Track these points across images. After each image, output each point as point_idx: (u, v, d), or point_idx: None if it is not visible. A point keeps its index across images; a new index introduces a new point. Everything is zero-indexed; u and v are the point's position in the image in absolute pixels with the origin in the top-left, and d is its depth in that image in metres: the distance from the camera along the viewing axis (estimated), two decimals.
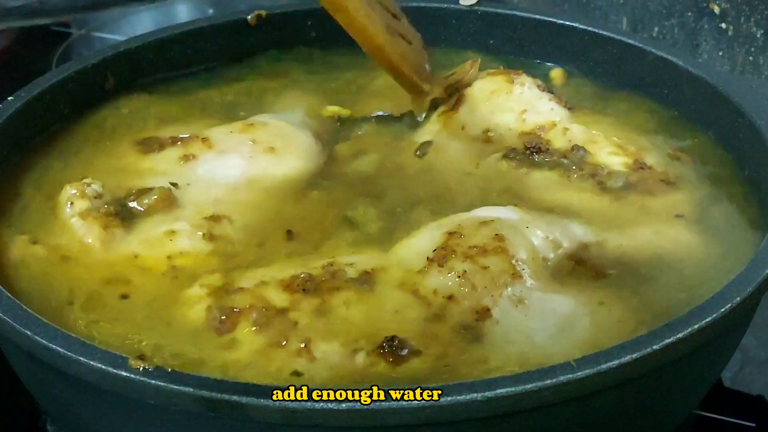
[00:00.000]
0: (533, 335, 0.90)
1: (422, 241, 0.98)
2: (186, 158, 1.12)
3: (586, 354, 0.82)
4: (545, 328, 0.91)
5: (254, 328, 0.90)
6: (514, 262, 0.95)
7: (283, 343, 0.88)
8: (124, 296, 0.96)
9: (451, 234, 0.97)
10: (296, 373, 0.86)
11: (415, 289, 0.93)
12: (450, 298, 0.92)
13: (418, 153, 1.16)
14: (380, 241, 1.01)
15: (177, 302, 0.95)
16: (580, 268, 0.98)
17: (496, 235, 0.97)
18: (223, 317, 0.91)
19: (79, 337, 0.85)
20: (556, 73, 1.30)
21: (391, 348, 0.87)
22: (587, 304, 0.94)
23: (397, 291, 0.93)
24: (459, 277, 0.93)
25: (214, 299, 0.93)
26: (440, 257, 0.95)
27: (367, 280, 0.94)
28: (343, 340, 0.89)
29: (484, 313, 0.91)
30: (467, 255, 0.94)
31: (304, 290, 0.93)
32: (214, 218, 1.04)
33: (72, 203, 1.03)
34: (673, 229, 1.04)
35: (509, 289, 0.93)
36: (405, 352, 0.87)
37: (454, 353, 0.88)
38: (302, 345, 0.88)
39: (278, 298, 0.92)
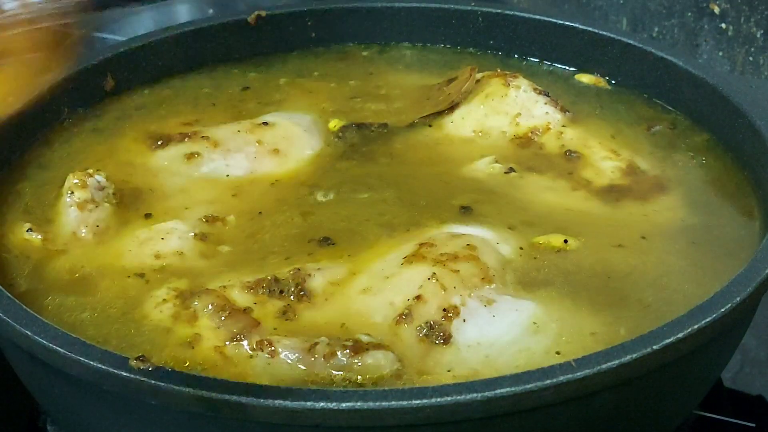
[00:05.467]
0: (501, 336, 0.90)
1: (393, 250, 0.99)
2: (191, 156, 1.12)
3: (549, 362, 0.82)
4: (513, 330, 0.91)
5: (215, 325, 0.90)
6: (484, 267, 0.95)
7: (244, 340, 0.89)
8: (109, 291, 0.97)
9: (422, 244, 0.97)
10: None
11: (382, 292, 0.93)
12: (418, 298, 0.92)
13: (418, 157, 1.16)
14: (362, 247, 1.01)
15: (146, 301, 0.95)
16: (553, 275, 0.97)
17: (468, 245, 0.97)
18: (184, 313, 0.92)
19: (79, 336, 0.85)
20: (589, 79, 1.29)
21: (353, 340, 0.88)
22: (557, 311, 0.93)
23: (363, 294, 0.94)
24: (428, 279, 0.93)
25: (179, 299, 0.94)
26: (409, 263, 0.95)
27: (332, 284, 0.95)
28: (305, 337, 0.89)
29: (451, 311, 0.91)
30: (438, 260, 0.94)
31: (270, 291, 0.93)
32: (210, 219, 1.04)
33: (72, 192, 1.04)
34: (665, 235, 1.04)
35: (479, 290, 0.93)
36: (366, 339, 0.88)
37: (420, 352, 0.88)
38: (263, 341, 0.88)
39: (242, 298, 0.93)
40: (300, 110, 1.23)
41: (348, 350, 0.86)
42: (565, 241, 1.00)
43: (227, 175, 1.11)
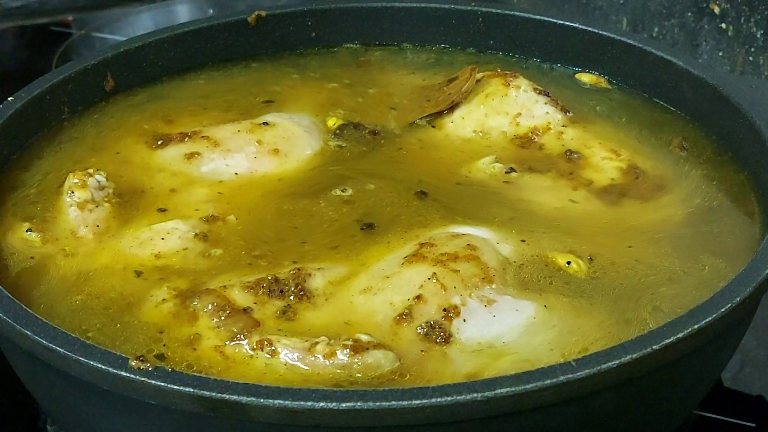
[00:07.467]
0: (501, 336, 0.90)
1: (393, 250, 0.99)
2: (191, 156, 1.12)
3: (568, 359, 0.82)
4: (513, 330, 0.91)
5: (215, 325, 0.90)
6: (485, 267, 0.95)
7: (244, 339, 0.89)
8: (109, 290, 0.97)
9: (422, 244, 0.98)
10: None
11: (382, 292, 0.93)
12: (418, 298, 0.92)
13: (418, 158, 1.15)
14: (363, 248, 1.01)
15: (146, 301, 0.95)
16: (553, 276, 0.97)
17: (468, 245, 0.97)
18: (184, 313, 0.92)
19: (79, 336, 0.85)
20: (589, 78, 1.29)
21: (353, 340, 0.88)
22: (557, 311, 0.93)
23: (363, 294, 0.94)
24: (429, 278, 0.93)
25: (179, 299, 0.94)
26: (410, 263, 0.95)
27: (332, 284, 0.95)
28: (305, 337, 0.89)
29: (451, 311, 0.91)
30: (438, 260, 0.94)
31: (270, 291, 0.94)
32: (210, 219, 1.04)
33: (72, 192, 1.04)
34: (665, 235, 1.04)
35: (479, 290, 0.93)
36: (366, 339, 0.88)
37: (420, 352, 0.89)
38: (263, 340, 0.88)
39: (242, 298, 0.93)
40: (300, 110, 1.23)
41: (348, 350, 0.87)
42: (568, 263, 0.99)
43: (227, 175, 1.11)
